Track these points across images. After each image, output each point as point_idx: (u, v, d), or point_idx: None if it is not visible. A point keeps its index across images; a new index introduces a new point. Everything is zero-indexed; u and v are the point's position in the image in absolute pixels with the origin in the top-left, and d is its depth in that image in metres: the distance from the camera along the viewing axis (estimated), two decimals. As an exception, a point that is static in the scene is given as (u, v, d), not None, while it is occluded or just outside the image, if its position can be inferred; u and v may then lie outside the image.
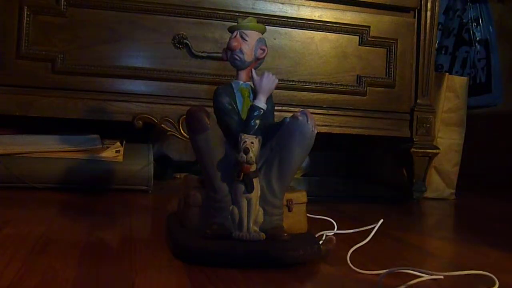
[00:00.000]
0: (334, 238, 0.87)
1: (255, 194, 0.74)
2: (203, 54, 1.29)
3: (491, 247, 0.92)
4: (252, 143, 0.71)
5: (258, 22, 0.81)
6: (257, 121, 0.75)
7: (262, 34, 0.81)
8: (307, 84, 1.37)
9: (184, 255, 0.70)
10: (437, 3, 1.46)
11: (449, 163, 1.56)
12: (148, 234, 0.88)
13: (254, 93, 0.77)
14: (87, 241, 0.77)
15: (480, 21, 1.96)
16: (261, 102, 0.76)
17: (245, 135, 0.72)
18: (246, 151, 0.70)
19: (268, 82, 0.76)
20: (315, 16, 1.37)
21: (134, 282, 0.59)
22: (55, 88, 1.22)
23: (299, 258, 0.69)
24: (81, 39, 1.23)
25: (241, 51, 0.77)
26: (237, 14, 1.28)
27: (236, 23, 0.80)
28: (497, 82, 1.97)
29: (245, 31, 0.78)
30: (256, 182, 0.74)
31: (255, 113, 0.75)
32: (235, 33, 0.79)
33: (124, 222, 0.95)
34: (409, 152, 1.43)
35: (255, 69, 0.80)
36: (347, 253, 0.72)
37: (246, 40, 0.78)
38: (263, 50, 0.80)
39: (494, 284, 0.65)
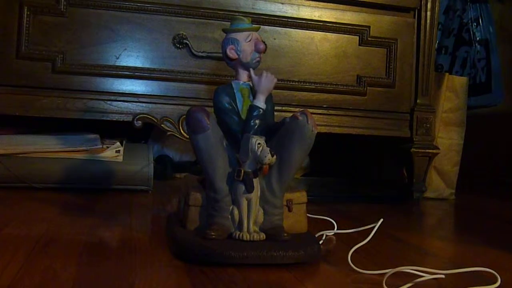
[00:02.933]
0: (334, 238, 0.87)
1: (255, 194, 0.74)
2: (203, 54, 1.29)
3: (491, 246, 0.92)
4: (264, 143, 0.72)
5: (257, 22, 0.81)
6: (257, 121, 0.75)
7: None
8: (307, 84, 1.37)
9: (184, 255, 0.70)
10: (437, 3, 1.46)
11: (449, 163, 1.56)
12: (148, 234, 0.88)
13: (253, 92, 0.77)
14: (87, 241, 0.77)
15: (480, 21, 1.96)
16: (260, 102, 0.76)
17: (255, 136, 0.72)
18: (273, 153, 0.71)
19: (267, 81, 0.76)
20: (315, 16, 1.37)
21: (134, 282, 0.59)
22: (55, 88, 1.22)
23: (299, 258, 0.69)
24: (81, 39, 1.23)
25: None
26: (237, 14, 1.28)
27: (236, 23, 0.80)
28: (497, 82, 1.97)
29: (258, 33, 0.79)
30: (256, 182, 0.74)
31: (255, 113, 0.75)
32: (252, 35, 0.78)
33: (124, 222, 0.95)
34: (409, 152, 1.43)
35: None
36: (347, 253, 0.72)
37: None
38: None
39: (495, 281, 0.65)
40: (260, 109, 0.76)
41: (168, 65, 1.28)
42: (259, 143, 0.71)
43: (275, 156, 0.71)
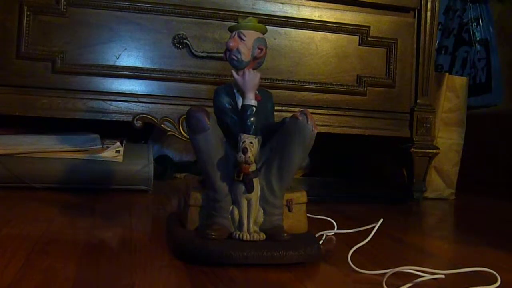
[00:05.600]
0: (334, 238, 0.87)
1: (255, 194, 0.74)
2: (203, 54, 1.29)
3: (491, 246, 0.92)
4: (251, 143, 0.71)
5: (258, 22, 0.81)
6: (252, 119, 0.75)
7: (263, 34, 0.81)
8: (307, 84, 1.37)
9: (184, 255, 0.70)
10: (437, 3, 1.46)
11: (449, 163, 1.56)
12: (148, 234, 0.88)
13: (240, 92, 0.77)
14: (87, 241, 0.77)
15: (480, 21, 1.96)
16: (250, 100, 0.76)
17: (245, 135, 0.72)
18: (245, 151, 0.70)
19: (251, 78, 0.76)
20: (315, 16, 1.37)
21: (134, 282, 0.59)
22: (55, 88, 1.22)
23: (299, 258, 0.69)
24: (81, 39, 1.23)
25: (238, 51, 0.77)
26: (237, 14, 1.28)
27: (236, 23, 0.80)
28: (497, 82, 1.97)
29: (243, 31, 0.78)
30: (256, 182, 0.74)
31: (248, 112, 0.75)
32: (234, 33, 0.79)
33: (124, 222, 0.95)
34: (409, 152, 1.43)
35: (254, 68, 0.79)
36: (347, 253, 0.72)
37: (244, 40, 0.78)
38: (261, 49, 0.79)
39: (495, 281, 0.65)
40: (253, 107, 0.75)
41: (168, 65, 1.28)
42: (243, 141, 0.71)
43: (248, 155, 0.71)
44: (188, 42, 1.28)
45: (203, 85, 1.29)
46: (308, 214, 0.83)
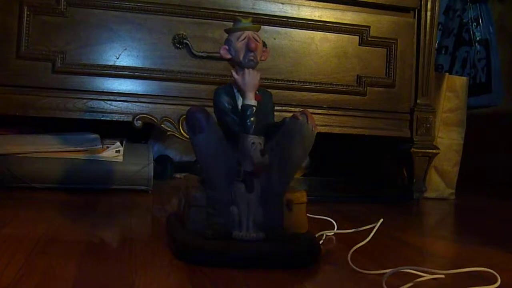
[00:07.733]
0: (334, 238, 0.87)
1: (255, 194, 0.74)
2: (203, 54, 1.29)
3: (491, 247, 0.92)
4: (260, 143, 0.72)
5: (257, 22, 0.81)
6: (252, 119, 0.75)
7: None
8: (307, 84, 1.37)
9: (184, 255, 0.70)
10: (437, 3, 1.46)
11: (449, 163, 1.56)
12: (148, 234, 0.88)
13: (240, 92, 0.77)
14: (87, 241, 0.77)
15: (480, 21, 1.96)
16: (249, 100, 0.76)
17: (252, 136, 0.72)
18: (263, 153, 0.70)
19: (251, 78, 0.76)
20: (315, 16, 1.37)
21: (134, 282, 0.59)
22: (55, 88, 1.22)
23: (299, 258, 0.69)
24: (81, 39, 1.23)
25: (257, 52, 0.77)
26: (237, 14, 1.28)
27: (235, 23, 0.80)
28: (497, 82, 1.97)
29: (256, 33, 0.79)
30: (256, 182, 0.74)
31: (248, 112, 0.75)
32: (246, 34, 0.78)
33: (124, 222, 0.95)
34: (409, 152, 1.43)
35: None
36: (347, 253, 0.72)
37: (258, 42, 0.78)
38: (266, 52, 0.80)
39: (495, 281, 0.65)
40: (253, 107, 0.75)
41: (168, 65, 1.28)
42: (253, 142, 0.71)
43: (266, 156, 0.71)
44: (188, 42, 1.28)
45: (203, 85, 1.29)
46: (308, 214, 0.83)
